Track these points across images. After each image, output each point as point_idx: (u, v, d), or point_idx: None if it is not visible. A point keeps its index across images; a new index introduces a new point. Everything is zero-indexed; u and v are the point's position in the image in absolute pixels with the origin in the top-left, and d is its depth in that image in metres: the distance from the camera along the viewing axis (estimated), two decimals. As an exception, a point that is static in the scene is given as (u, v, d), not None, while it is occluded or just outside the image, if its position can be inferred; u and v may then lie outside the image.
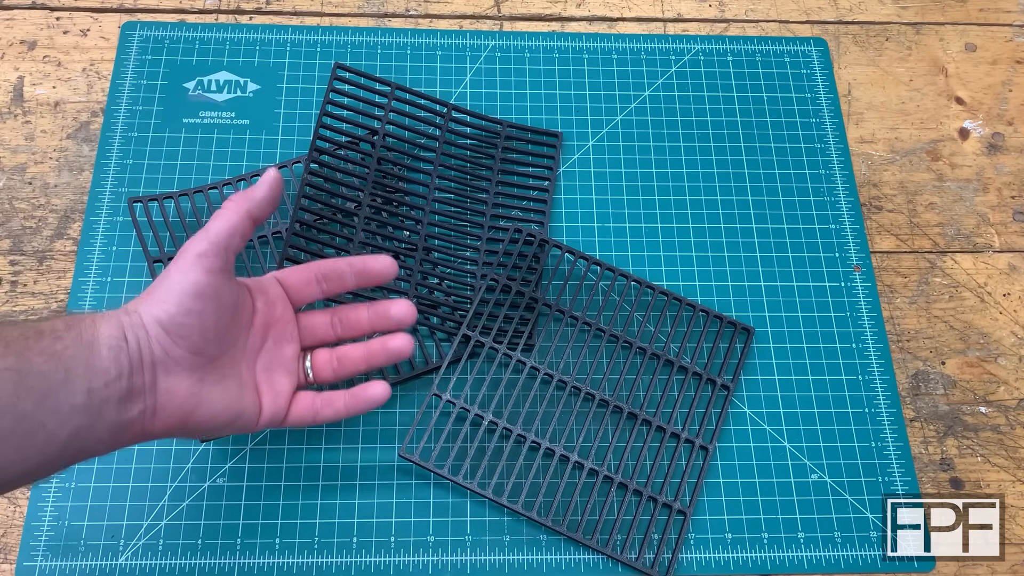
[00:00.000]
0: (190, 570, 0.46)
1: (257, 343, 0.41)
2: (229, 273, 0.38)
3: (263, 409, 0.41)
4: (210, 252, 0.37)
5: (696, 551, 0.48)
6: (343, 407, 0.43)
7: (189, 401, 0.36)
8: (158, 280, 0.37)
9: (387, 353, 0.43)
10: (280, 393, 0.41)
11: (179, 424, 0.37)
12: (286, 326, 0.43)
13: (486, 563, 0.47)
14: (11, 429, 0.31)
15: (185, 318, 0.36)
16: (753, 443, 0.51)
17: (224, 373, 0.38)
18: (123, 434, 0.35)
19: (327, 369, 0.44)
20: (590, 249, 0.56)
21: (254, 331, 0.41)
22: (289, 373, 0.42)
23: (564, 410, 0.51)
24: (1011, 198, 0.61)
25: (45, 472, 0.33)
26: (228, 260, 0.38)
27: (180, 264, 0.37)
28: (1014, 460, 0.53)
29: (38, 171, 0.56)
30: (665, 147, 0.60)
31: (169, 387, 0.36)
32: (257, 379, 0.41)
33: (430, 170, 0.56)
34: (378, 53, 0.62)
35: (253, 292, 0.42)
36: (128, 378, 0.34)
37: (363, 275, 0.43)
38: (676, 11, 0.66)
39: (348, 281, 0.43)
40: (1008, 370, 0.55)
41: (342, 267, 0.43)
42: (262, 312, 0.42)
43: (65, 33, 0.61)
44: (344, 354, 0.44)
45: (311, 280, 0.43)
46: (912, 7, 0.68)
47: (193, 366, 0.37)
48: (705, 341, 0.54)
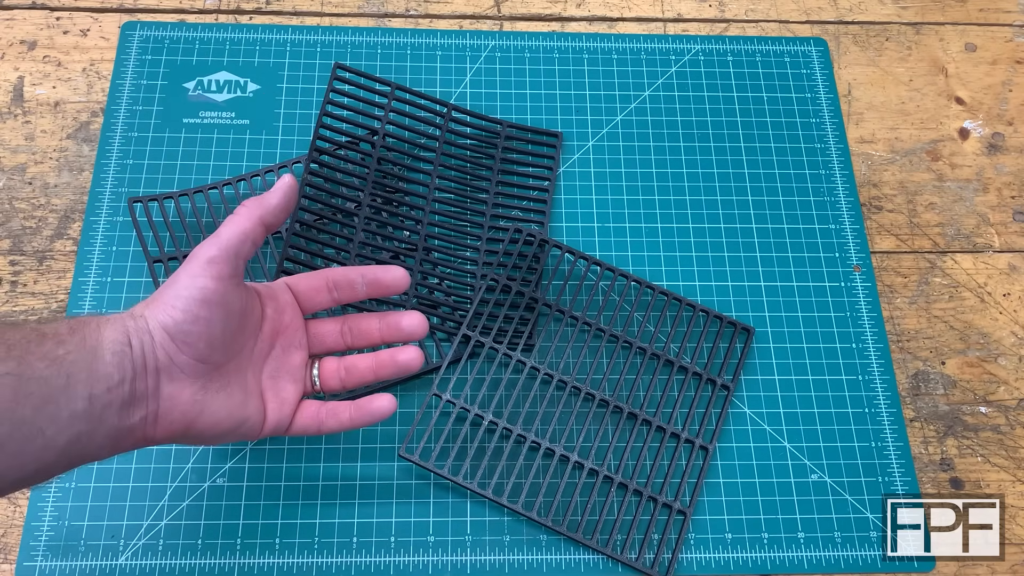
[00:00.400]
0: (190, 570, 0.46)
1: (265, 350, 0.41)
2: (239, 279, 0.38)
3: (267, 417, 0.40)
4: (220, 258, 0.36)
5: (696, 551, 0.48)
6: (348, 419, 0.42)
7: (192, 408, 0.36)
8: (166, 284, 0.36)
9: (396, 366, 0.43)
10: (286, 401, 0.41)
11: (181, 431, 0.36)
12: (295, 333, 0.42)
13: (486, 563, 0.47)
14: (9, 435, 0.30)
15: (192, 325, 0.35)
16: (753, 443, 0.51)
17: (229, 380, 0.38)
18: (124, 440, 0.35)
19: (334, 378, 0.43)
20: (590, 249, 0.56)
21: (262, 337, 0.41)
22: (296, 381, 0.42)
23: (564, 410, 0.51)
24: (1011, 198, 0.61)
25: (43, 477, 0.33)
26: (238, 267, 0.37)
27: (189, 269, 0.36)
28: (1014, 460, 0.53)
29: (38, 171, 0.56)
30: (665, 147, 0.60)
31: (172, 393, 0.35)
32: (263, 386, 0.40)
33: (430, 170, 0.56)
34: (378, 53, 0.62)
35: (263, 298, 0.41)
36: (131, 383, 0.34)
37: (375, 285, 0.43)
38: (676, 11, 0.66)
39: (360, 291, 0.43)
40: (1008, 370, 0.55)
41: (354, 276, 0.43)
42: (271, 319, 0.41)
43: (65, 33, 0.61)
44: (352, 364, 0.43)
45: (322, 288, 0.43)
46: (912, 7, 0.68)
47: (197, 373, 0.36)
48: (705, 341, 0.54)
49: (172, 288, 0.36)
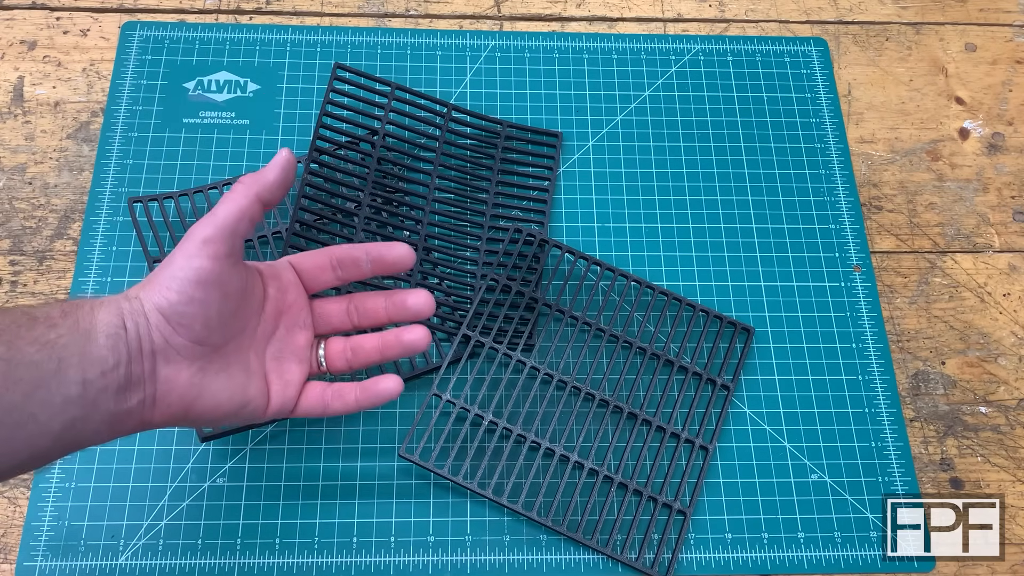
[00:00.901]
0: (190, 570, 0.46)
1: (268, 330, 0.40)
2: (237, 258, 0.37)
3: (271, 399, 0.39)
4: (216, 237, 0.35)
5: (696, 551, 0.48)
6: (354, 400, 0.41)
7: (190, 391, 0.35)
8: (162, 265, 0.36)
9: (402, 346, 0.42)
10: (290, 382, 0.40)
11: (180, 414, 0.36)
12: (299, 313, 0.41)
13: (486, 563, 0.47)
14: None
15: (187, 307, 0.34)
16: (753, 443, 0.51)
17: (229, 361, 0.37)
18: (121, 424, 0.34)
19: (341, 359, 0.42)
20: (590, 249, 0.56)
21: (265, 317, 0.40)
22: (301, 362, 0.41)
23: (564, 410, 0.51)
24: (1011, 198, 0.61)
25: (39, 463, 0.32)
26: (236, 245, 0.36)
27: (185, 249, 0.35)
28: (1014, 460, 0.53)
29: (38, 171, 0.56)
30: (665, 147, 0.60)
31: (169, 376, 0.35)
32: (266, 367, 0.40)
33: (430, 170, 0.56)
34: (378, 53, 0.62)
35: (265, 277, 0.40)
36: (126, 366, 0.33)
37: (379, 263, 0.41)
38: (676, 11, 0.66)
39: (364, 268, 0.42)
40: (1008, 370, 0.55)
41: (358, 254, 0.41)
42: (274, 298, 0.40)
43: (65, 33, 0.61)
44: (358, 344, 0.42)
45: (326, 266, 0.42)
46: (912, 7, 0.68)
47: (195, 355, 0.35)
48: (705, 341, 0.54)
49: (167, 269, 0.35)
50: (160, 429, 0.49)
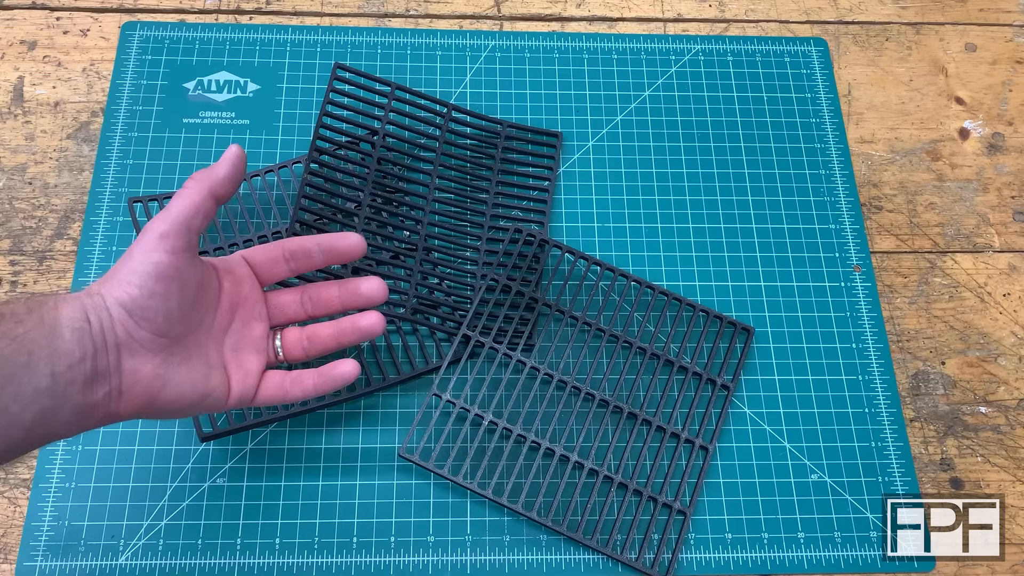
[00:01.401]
0: (190, 570, 0.46)
1: (225, 323, 0.41)
2: (192, 253, 0.38)
3: (232, 389, 0.40)
4: (172, 232, 0.36)
5: (696, 551, 0.48)
6: (312, 386, 0.42)
7: (155, 382, 0.36)
8: (120, 261, 0.37)
9: (357, 331, 0.43)
10: (249, 372, 0.41)
11: (146, 405, 0.36)
12: (254, 305, 0.43)
13: (486, 563, 0.47)
14: None
15: (149, 300, 0.36)
16: (753, 443, 0.51)
17: (190, 353, 0.38)
18: (89, 417, 0.35)
19: (297, 347, 0.43)
20: (590, 249, 0.56)
21: (221, 310, 0.41)
22: (258, 352, 0.42)
23: (564, 410, 0.51)
24: (1011, 198, 0.61)
25: (11, 455, 0.33)
26: (191, 240, 0.37)
27: (142, 245, 0.36)
28: (1014, 460, 0.53)
29: (38, 171, 0.56)
30: (665, 147, 0.60)
31: (134, 368, 0.36)
32: (225, 359, 0.41)
33: (430, 170, 0.56)
34: (378, 53, 0.62)
35: (219, 271, 0.42)
36: (92, 359, 0.34)
37: (331, 253, 0.43)
38: (676, 11, 0.66)
39: (316, 259, 0.43)
40: (1008, 370, 0.55)
41: (310, 245, 0.43)
42: (229, 292, 0.41)
43: (65, 33, 0.61)
44: (314, 332, 0.44)
45: (279, 258, 0.43)
46: (912, 7, 0.68)
47: (157, 347, 0.36)
48: (705, 341, 0.54)
49: (127, 264, 0.36)
50: (160, 429, 0.49)
